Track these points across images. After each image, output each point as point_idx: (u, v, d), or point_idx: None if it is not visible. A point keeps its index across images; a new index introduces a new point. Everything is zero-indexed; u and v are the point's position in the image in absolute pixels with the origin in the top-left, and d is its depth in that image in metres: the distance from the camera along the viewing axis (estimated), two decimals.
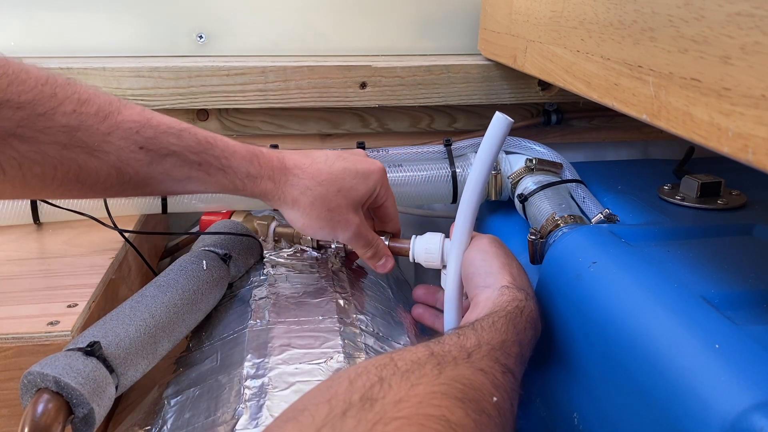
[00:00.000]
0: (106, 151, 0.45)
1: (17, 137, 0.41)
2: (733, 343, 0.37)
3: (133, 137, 0.46)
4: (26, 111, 0.41)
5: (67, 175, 0.45)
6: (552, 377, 0.53)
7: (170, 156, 0.48)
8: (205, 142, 0.50)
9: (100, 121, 0.45)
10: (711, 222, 0.57)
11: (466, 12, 0.85)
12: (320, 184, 0.54)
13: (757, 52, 0.28)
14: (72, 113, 0.44)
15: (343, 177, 0.56)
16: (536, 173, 0.71)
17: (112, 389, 0.42)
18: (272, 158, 0.53)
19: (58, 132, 0.43)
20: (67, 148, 0.44)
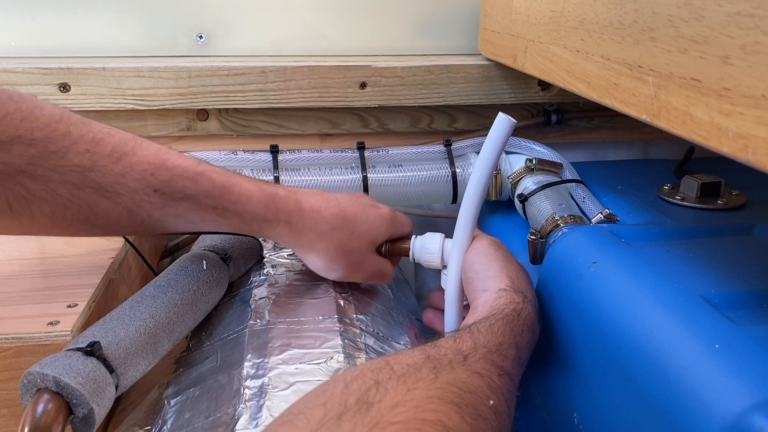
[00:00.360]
0: (119, 192, 0.44)
1: (27, 175, 0.41)
2: (733, 343, 0.37)
3: (148, 179, 0.45)
4: (38, 148, 0.40)
5: (78, 216, 0.44)
6: (552, 377, 0.53)
7: (185, 200, 0.47)
8: (221, 186, 0.49)
9: (114, 161, 0.44)
10: (711, 222, 0.57)
11: (466, 12, 0.85)
12: (335, 228, 0.55)
13: (757, 52, 0.28)
14: (85, 153, 0.43)
15: (356, 221, 0.56)
16: (536, 173, 0.71)
17: (112, 389, 0.42)
18: (288, 201, 0.53)
19: (71, 171, 0.42)
20: (78, 188, 0.43)
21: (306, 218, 0.54)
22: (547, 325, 0.54)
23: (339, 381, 0.34)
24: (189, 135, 0.80)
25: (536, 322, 0.48)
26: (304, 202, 0.54)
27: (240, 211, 0.50)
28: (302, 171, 0.73)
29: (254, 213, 0.51)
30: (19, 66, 0.71)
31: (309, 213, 0.54)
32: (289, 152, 0.74)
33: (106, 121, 0.76)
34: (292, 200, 0.53)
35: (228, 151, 0.73)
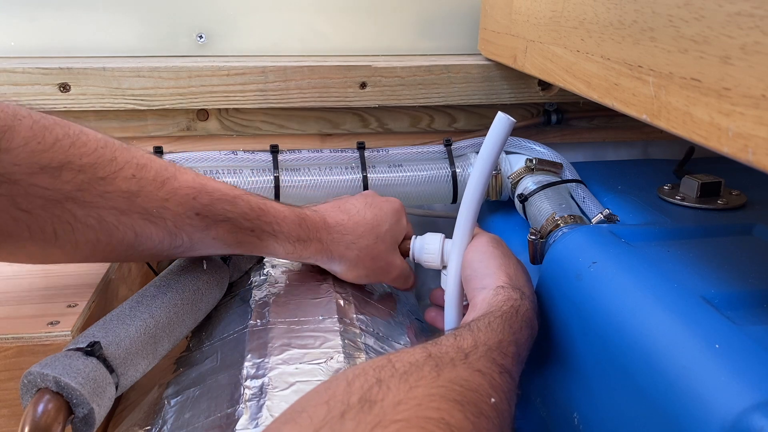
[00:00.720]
0: (163, 217, 0.45)
1: (76, 201, 0.41)
2: (733, 343, 0.37)
3: (190, 203, 0.46)
4: (87, 174, 0.41)
5: (122, 241, 0.45)
6: (552, 377, 0.53)
7: (225, 222, 0.48)
8: (258, 208, 0.50)
9: (158, 187, 0.44)
10: (711, 222, 0.57)
11: (466, 12, 0.85)
12: (361, 236, 0.57)
13: (757, 52, 0.28)
14: (132, 178, 0.43)
15: (377, 224, 0.58)
16: (536, 173, 0.71)
17: (112, 389, 0.42)
18: (316, 220, 0.55)
19: (118, 197, 0.43)
20: (125, 213, 0.43)
21: (334, 233, 0.56)
22: (547, 325, 0.54)
23: (341, 379, 0.34)
24: (189, 135, 0.80)
25: (534, 318, 0.48)
26: (329, 218, 0.56)
27: (276, 231, 0.52)
28: (302, 171, 0.73)
29: (289, 233, 0.52)
30: (19, 66, 0.71)
31: (335, 228, 0.56)
32: (289, 152, 0.74)
33: (106, 121, 0.77)
34: (319, 218, 0.55)
35: (228, 151, 0.73)
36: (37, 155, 0.39)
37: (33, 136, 0.39)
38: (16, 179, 0.39)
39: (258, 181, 0.71)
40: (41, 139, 0.39)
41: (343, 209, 0.58)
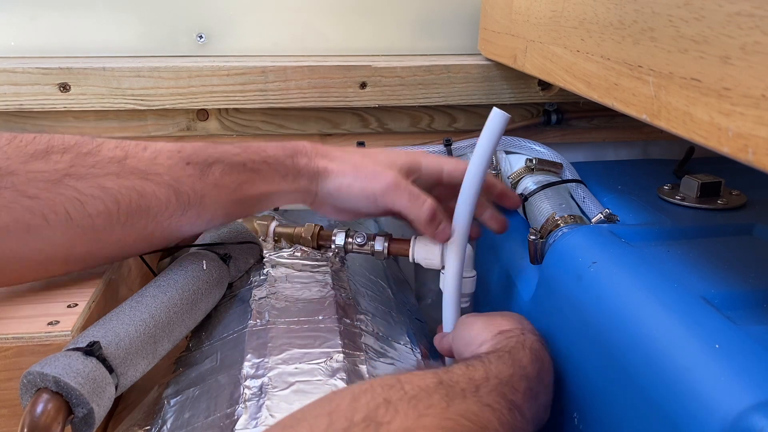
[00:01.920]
0: (157, 172, 0.48)
1: (72, 176, 0.44)
2: (733, 343, 0.37)
3: (177, 156, 0.49)
4: (73, 153, 0.45)
5: (130, 206, 0.47)
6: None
7: (216, 164, 0.50)
8: (239, 146, 0.52)
9: (142, 149, 0.48)
10: (711, 222, 0.57)
11: (466, 12, 0.85)
12: (353, 153, 0.57)
13: (757, 52, 0.28)
14: (115, 148, 0.47)
15: (367, 152, 0.59)
16: (536, 173, 0.71)
17: (111, 389, 0.42)
18: (298, 143, 0.55)
19: (108, 163, 0.46)
20: (121, 176, 0.46)
21: (321, 149, 0.56)
22: (547, 325, 0.54)
23: (346, 393, 0.33)
24: (189, 135, 0.80)
25: (544, 351, 0.47)
26: (315, 146, 0.56)
27: (265, 157, 0.52)
28: None
29: (276, 155, 0.53)
30: (19, 66, 0.71)
31: (323, 147, 0.56)
32: None
33: (107, 121, 0.77)
34: (301, 143, 0.55)
35: None
36: (22, 148, 0.44)
37: (12, 137, 0.44)
38: (13, 170, 0.42)
39: None
40: (21, 138, 0.45)
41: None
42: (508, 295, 0.65)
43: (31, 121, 0.76)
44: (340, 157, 0.55)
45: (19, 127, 0.77)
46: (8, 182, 0.42)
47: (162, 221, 0.49)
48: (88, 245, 0.48)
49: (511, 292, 0.64)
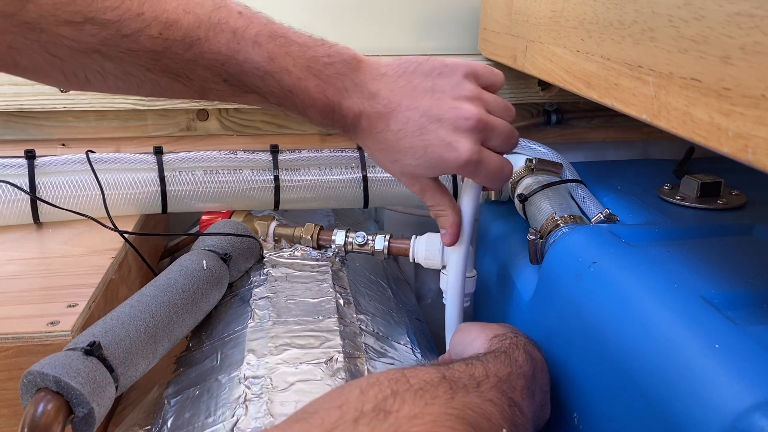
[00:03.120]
0: (189, 77, 0.44)
1: (101, 54, 0.41)
2: (733, 343, 0.37)
3: (217, 69, 0.44)
4: (111, 30, 0.40)
5: (152, 92, 0.45)
6: (552, 377, 0.53)
7: (252, 93, 0.46)
8: (288, 90, 0.46)
9: (185, 48, 0.43)
10: (711, 222, 0.57)
11: (466, 12, 0.85)
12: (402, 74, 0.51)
13: (757, 52, 0.28)
14: (158, 37, 0.42)
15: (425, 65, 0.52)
16: (536, 173, 0.71)
17: (112, 389, 0.42)
18: (349, 114, 0.48)
19: (143, 55, 0.42)
20: (151, 71, 0.43)
21: (367, 136, 0.49)
22: (547, 325, 0.54)
23: (354, 387, 0.34)
24: (189, 135, 0.80)
25: (537, 351, 0.48)
26: (370, 121, 0.49)
27: (301, 112, 0.48)
28: (302, 171, 0.73)
29: (314, 117, 0.48)
30: None
31: (370, 129, 0.49)
32: (289, 152, 0.74)
33: (107, 121, 0.77)
34: (352, 114, 0.48)
35: (228, 151, 0.73)
36: (60, 7, 0.39)
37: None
38: (43, 28, 0.39)
39: (258, 181, 0.71)
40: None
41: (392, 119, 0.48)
42: (508, 295, 0.65)
43: (31, 121, 0.76)
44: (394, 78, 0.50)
45: (19, 127, 0.77)
46: (36, 36, 0.39)
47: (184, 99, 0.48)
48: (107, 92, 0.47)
49: (511, 292, 0.64)
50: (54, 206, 0.66)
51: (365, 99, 0.48)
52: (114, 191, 0.68)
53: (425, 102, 0.47)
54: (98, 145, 0.78)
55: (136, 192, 0.69)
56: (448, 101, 0.48)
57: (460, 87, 0.48)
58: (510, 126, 0.50)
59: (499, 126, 0.49)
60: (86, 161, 0.68)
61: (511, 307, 0.64)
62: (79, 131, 0.78)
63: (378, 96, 0.48)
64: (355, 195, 0.74)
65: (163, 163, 0.69)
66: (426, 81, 0.48)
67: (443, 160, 0.47)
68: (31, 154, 0.67)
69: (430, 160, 0.47)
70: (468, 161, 0.47)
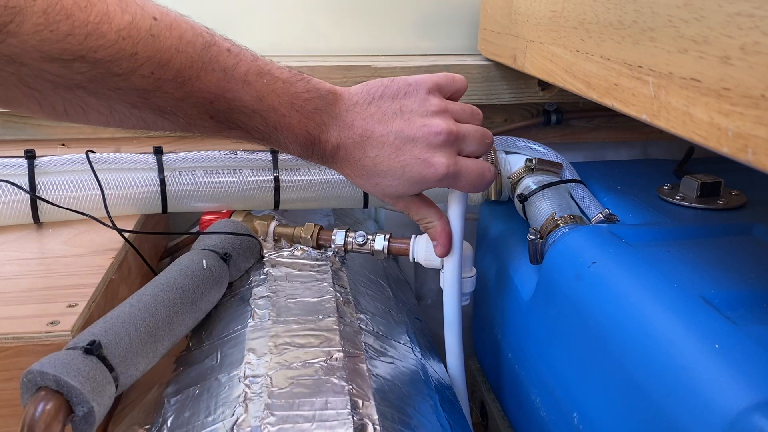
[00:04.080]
0: (176, 114, 0.44)
1: (86, 90, 0.40)
2: (733, 343, 0.37)
3: (206, 107, 0.44)
4: (101, 69, 0.39)
5: (135, 126, 0.44)
6: (552, 377, 0.53)
7: (237, 129, 0.47)
8: (273, 127, 0.48)
9: (176, 87, 0.42)
10: (711, 222, 0.57)
11: (466, 12, 0.85)
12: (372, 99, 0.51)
13: (757, 52, 0.28)
14: (150, 76, 0.41)
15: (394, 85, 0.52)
16: (536, 173, 0.71)
17: (112, 388, 0.42)
18: (327, 147, 0.50)
19: (132, 93, 0.41)
20: (137, 107, 0.42)
21: (347, 166, 0.51)
22: (547, 325, 0.54)
23: None
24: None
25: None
26: (350, 154, 0.50)
27: (285, 148, 0.50)
28: (302, 171, 0.73)
29: (294, 150, 0.50)
30: None
31: (352, 161, 0.50)
32: None
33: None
34: (330, 146, 0.50)
35: (228, 151, 0.73)
36: (47, 45, 0.37)
37: (46, 23, 0.36)
38: (25, 62, 0.37)
39: (258, 181, 0.71)
40: (54, 28, 0.37)
41: (369, 147, 0.50)
42: (507, 295, 0.65)
43: (31, 121, 0.76)
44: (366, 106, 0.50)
45: (19, 127, 0.77)
46: (15, 69, 0.37)
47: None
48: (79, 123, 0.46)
49: (511, 292, 0.64)
50: (54, 205, 0.66)
51: (342, 130, 0.49)
52: (114, 191, 0.68)
53: (396, 125, 0.49)
54: (98, 145, 0.78)
55: (136, 192, 0.69)
56: (417, 120, 0.49)
57: (426, 103, 0.50)
58: (480, 129, 0.52)
59: (470, 132, 0.51)
60: (86, 161, 0.68)
61: (511, 307, 0.64)
62: (79, 131, 0.78)
63: (353, 126, 0.49)
64: (355, 195, 0.74)
65: (163, 162, 0.69)
66: (394, 104, 0.50)
67: (422, 177, 0.49)
68: (31, 154, 0.67)
69: (409, 178, 0.49)
70: (446, 174, 0.49)
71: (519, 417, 0.63)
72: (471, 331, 0.82)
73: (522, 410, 0.60)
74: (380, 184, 0.50)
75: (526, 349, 0.60)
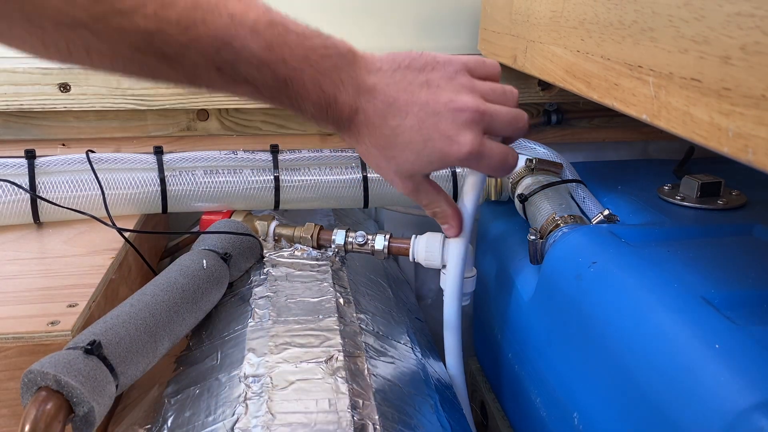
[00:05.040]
0: (180, 62, 0.42)
1: (89, 29, 0.39)
2: (733, 343, 0.37)
3: (211, 56, 0.42)
4: (104, 6, 0.38)
5: (139, 73, 0.43)
6: (552, 377, 0.53)
7: (244, 84, 0.44)
8: (283, 81, 0.45)
9: (180, 31, 0.40)
10: (711, 222, 0.57)
11: (466, 12, 0.85)
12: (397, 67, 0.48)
13: (757, 52, 0.28)
14: (153, 16, 0.39)
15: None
16: (536, 173, 0.71)
17: (112, 388, 0.42)
18: (344, 109, 0.46)
19: (134, 34, 0.40)
20: (140, 51, 0.41)
21: (363, 131, 0.48)
22: (547, 325, 0.54)
23: None
24: (189, 135, 0.80)
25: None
26: (370, 117, 0.47)
27: (297, 108, 0.46)
28: (302, 171, 0.73)
29: (309, 113, 0.46)
30: (20, 65, 0.71)
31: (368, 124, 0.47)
32: (290, 152, 0.74)
33: (107, 121, 0.77)
34: (348, 109, 0.47)
35: (228, 151, 0.73)
36: None
37: None
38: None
39: (258, 181, 0.71)
40: None
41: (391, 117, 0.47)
42: (507, 294, 0.65)
43: (32, 120, 0.76)
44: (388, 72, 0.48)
45: (19, 127, 0.77)
46: (17, 6, 0.36)
47: (170, 86, 0.46)
48: (83, 67, 0.43)
49: (511, 292, 0.64)
50: (54, 204, 0.66)
51: (362, 94, 0.46)
52: (114, 191, 0.68)
53: (422, 96, 0.46)
54: (98, 145, 0.78)
55: (136, 192, 0.69)
56: (444, 94, 0.47)
57: (455, 80, 0.48)
58: (513, 110, 0.49)
59: (500, 113, 0.48)
60: (86, 161, 0.68)
61: (511, 307, 0.64)
62: (79, 131, 0.78)
63: (375, 90, 0.46)
64: (355, 195, 0.74)
65: (163, 162, 0.69)
66: (420, 75, 0.47)
67: (443, 154, 0.46)
68: (31, 154, 0.67)
69: (430, 154, 0.46)
70: (469, 154, 0.46)
71: (519, 417, 0.63)
72: (471, 331, 0.82)
73: (522, 410, 0.60)
74: (397, 158, 0.47)
75: (526, 349, 0.60)
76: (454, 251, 0.55)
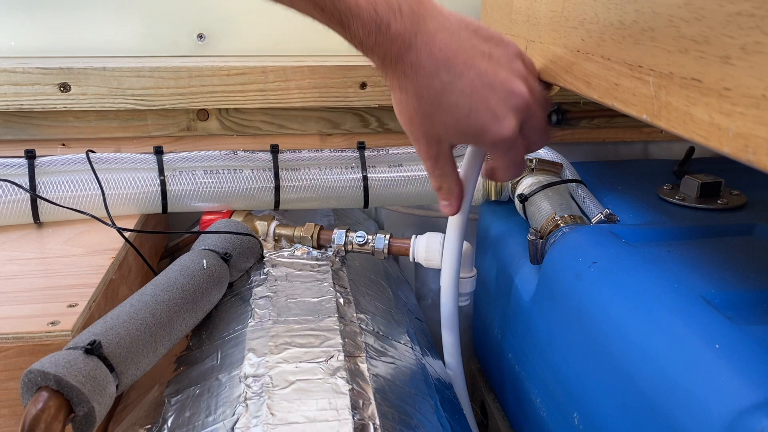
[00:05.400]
0: None
1: None
2: (733, 343, 0.37)
3: None
4: None
5: None
6: (552, 377, 0.53)
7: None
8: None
9: None
10: (711, 222, 0.57)
11: (466, 12, 0.84)
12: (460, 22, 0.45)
13: (757, 52, 0.28)
14: None
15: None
16: (536, 173, 0.71)
17: (112, 388, 0.42)
18: (394, 40, 0.42)
19: None
20: None
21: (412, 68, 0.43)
22: (547, 325, 0.54)
23: None
24: (189, 135, 0.80)
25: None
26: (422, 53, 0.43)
27: (342, 24, 0.42)
28: (302, 171, 0.73)
29: (354, 32, 0.41)
30: (20, 66, 0.71)
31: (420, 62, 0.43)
32: (289, 152, 0.74)
33: (107, 121, 0.77)
34: (400, 41, 0.42)
35: (228, 151, 0.73)
36: None
37: None
38: None
39: (258, 181, 0.71)
40: None
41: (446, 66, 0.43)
42: (508, 295, 0.65)
43: (32, 121, 0.76)
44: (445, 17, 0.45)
45: (19, 127, 0.77)
46: None
47: None
48: None
49: (511, 292, 0.64)
50: (54, 204, 0.66)
51: (420, 33, 0.42)
52: (114, 191, 0.68)
53: (482, 64, 0.44)
54: (98, 145, 0.78)
55: (137, 192, 0.69)
56: (503, 72, 0.44)
57: (515, 63, 0.46)
58: (547, 123, 0.48)
59: (539, 116, 0.47)
60: (86, 161, 0.68)
61: (511, 307, 0.64)
62: (79, 131, 0.78)
63: (435, 37, 0.42)
64: (355, 195, 0.74)
65: (163, 162, 0.69)
66: (485, 45, 0.44)
67: (482, 129, 0.44)
68: (31, 154, 0.67)
69: (470, 125, 0.44)
70: (507, 139, 0.44)
71: (519, 417, 0.63)
72: (471, 331, 0.82)
73: (522, 410, 0.60)
74: (434, 117, 0.44)
75: (526, 349, 0.60)
76: (448, 250, 0.55)
